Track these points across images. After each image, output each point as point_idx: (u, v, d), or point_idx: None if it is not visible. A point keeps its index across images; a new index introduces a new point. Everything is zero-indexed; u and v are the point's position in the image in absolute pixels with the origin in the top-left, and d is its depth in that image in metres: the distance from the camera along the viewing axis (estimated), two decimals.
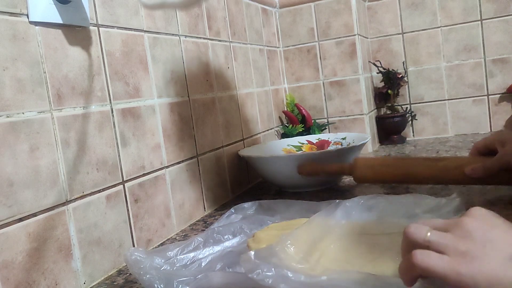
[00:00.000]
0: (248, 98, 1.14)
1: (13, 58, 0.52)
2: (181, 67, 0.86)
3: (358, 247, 0.55)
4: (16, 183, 0.51)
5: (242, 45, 1.14)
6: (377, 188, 0.93)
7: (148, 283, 0.51)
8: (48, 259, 0.54)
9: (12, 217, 0.50)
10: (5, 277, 0.49)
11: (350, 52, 1.35)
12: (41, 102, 0.55)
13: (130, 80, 0.72)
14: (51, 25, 0.58)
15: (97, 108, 0.64)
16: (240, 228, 0.67)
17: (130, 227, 0.69)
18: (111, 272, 0.64)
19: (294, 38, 1.41)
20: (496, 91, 1.45)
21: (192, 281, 0.50)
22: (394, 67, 1.51)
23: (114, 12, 0.69)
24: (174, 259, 0.59)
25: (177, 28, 0.86)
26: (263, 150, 1.10)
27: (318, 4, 1.36)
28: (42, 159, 0.55)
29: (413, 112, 1.53)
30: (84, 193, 0.61)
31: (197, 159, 0.89)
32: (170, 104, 0.81)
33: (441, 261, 0.37)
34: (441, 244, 0.38)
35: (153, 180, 0.75)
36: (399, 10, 1.51)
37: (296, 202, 0.77)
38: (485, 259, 0.36)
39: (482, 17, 1.43)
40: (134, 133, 0.71)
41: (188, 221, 0.84)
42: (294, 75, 1.42)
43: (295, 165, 0.92)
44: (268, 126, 1.26)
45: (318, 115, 1.41)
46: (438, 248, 0.38)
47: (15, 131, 0.52)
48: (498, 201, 0.75)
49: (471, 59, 1.46)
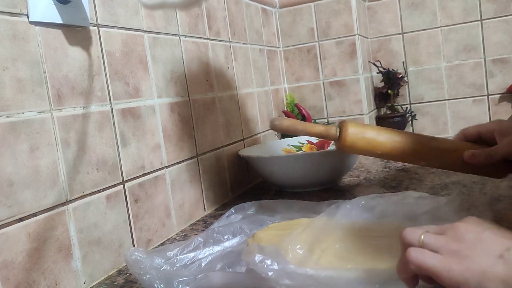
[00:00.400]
0: (248, 98, 1.14)
1: (13, 58, 0.52)
2: (181, 67, 0.86)
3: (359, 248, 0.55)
4: (16, 183, 0.51)
5: (242, 45, 1.14)
6: (377, 188, 0.93)
7: (148, 283, 0.51)
8: (48, 259, 0.54)
9: (12, 217, 0.50)
10: (5, 277, 0.49)
11: (350, 52, 1.35)
12: (41, 102, 0.55)
13: (130, 80, 0.72)
14: (51, 25, 0.58)
15: (97, 108, 0.64)
16: (240, 228, 0.67)
17: (130, 227, 0.69)
18: (111, 272, 0.64)
19: (294, 38, 1.41)
20: (496, 91, 1.45)
21: (192, 281, 0.50)
22: (394, 67, 1.51)
23: (114, 12, 0.69)
24: (174, 259, 0.59)
25: (177, 28, 0.86)
26: (263, 150, 1.10)
27: (318, 4, 1.36)
28: (42, 159, 0.55)
29: (413, 112, 1.53)
30: (84, 193, 0.61)
31: (197, 159, 0.89)
32: (170, 104, 0.81)
33: (434, 259, 0.39)
34: (435, 245, 0.40)
35: (153, 180, 0.75)
36: (399, 10, 1.51)
37: (296, 202, 0.77)
38: (475, 258, 0.38)
39: (482, 17, 1.43)
40: (134, 133, 0.71)
41: (188, 221, 0.84)
42: (294, 75, 1.42)
43: (295, 165, 0.92)
44: (268, 126, 1.26)
45: (318, 115, 1.41)
46: (432, 248, 0.40)
47: (15, 131, 0.52)
48: (497, 202, 0.75)
49: (471, 59, 1.46)
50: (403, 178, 0.99)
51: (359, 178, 1.04)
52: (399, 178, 0.99)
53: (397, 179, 0.98)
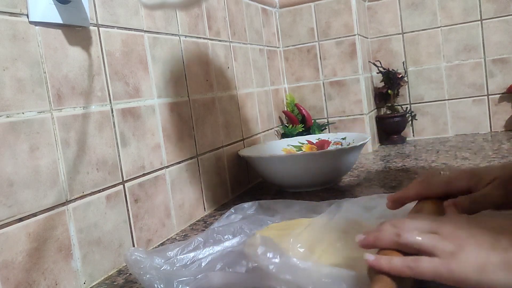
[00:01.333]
0: (248, 98, 1.14)
1: (13, 58, 0.52)
2: (181, 67, 0.86)
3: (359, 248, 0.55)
4: (16, 183, 0.51)
5: (242, 45, 1.14)
6: (377, 188, 0.93)
7: (148, 283, 0.51)
8: (48, 259, 0.54)
9: (12, 217, 0.50)
10: (5, 277, 0.49)
11: (350, 52, 1.35)
12: (41, 102, 0.55)
13: (130, 80, 0.72)
14: (51, 25, 0.58)
15: (97, 108, 0.64)
16: (240, 228, 0.67)
17: (130, 227, 0.69)
18: (111, 272, 0.64)
19: (294, 38, 1.41)
20: (496, 91, 1.45)
21: (192, 281, 0.50)
22: (394, 67, 1.51)
23: (114, 12, 0.69)
24: (174, 259, 0.59)
25: (177, 28, 0.86)
26: (263, 150, 1.10)
27: (318, 4, 1.36)
28: (42, 159, 0.55)
29: (413, 112, 1.53)
30: (84, 193, 0.61)
31: (197, 159, 0.89)
32: (170, 104, 0.81)
33: (432, 263, 0.40)
34: (431, 247, 0.41)
35: (153, 180, 0.75)
36: (399, 10, 1.51)
37: (296, 202, 0.77)
38: (470, 253, 0.39)
39: (482, 17, 1.43)
40: (134, 133, 0.71)
41: (188, 221, 0.84)
42: (294, 75, 1.42)
43: (295, 165, 0.92)
44: (268, 126, 1.26)
45: (318, 115, 1.41)
46: (428, 251, 0.41)
47: (15, 131, 0.52)
48: None
49: (471, 59, 1.46)
50: (403, 178, 0.99)
51: (359, 178, 1.04)
52: (399, 178, 0.99)
53: (397, 179, 0.98)
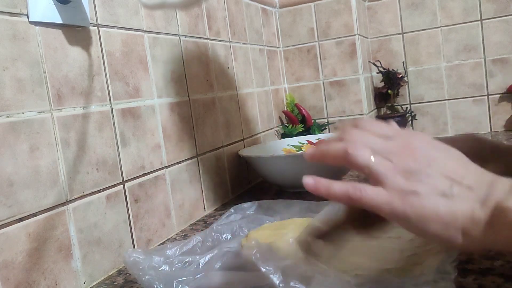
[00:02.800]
0: (248, 98, 1.14)
1: (13, 58, 0.52)
2: (181, 67, 0.86)
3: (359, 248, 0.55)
4: (16, 183, 0.51)
5: (242, 45, 1.14)
6: None
7: (148, 283, 0.51)
8: (48, 259, 0.54)
9: (12, 217, 0.50)
10: (5, 277, 0.49)
11: (350, 52, 1.35)
12: (41, 102, 0.55)
13: (130, 80, 0.72)
14: (51, 25, 0.58)
15: (97, 108, 0.65)
16: (239, 228, 0.67)
17: (130, 227, 0.69)
18: (111, 272, 0.64)
19: (294, 38, 1.41)
20: (496, 91, 1.45)
21: (191, 281, 0.50)
22: (394, 67, 1.51)
23: (114, 12, 0.69)
24: (173, 259, 0.59)
25: (177, 28, 0.86)
26: (263, 150, 1.10)
27: (318, 4, 1.36)
28: (42, 159, 0.55)
29: (413, 112, 1.53)
30: (84, 193, 0.61)
31: (197, 159, 0.89)
32: (170, 104, 0.81)
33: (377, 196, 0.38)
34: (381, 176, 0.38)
35: (153, 180, 0.75)
36: (399, 10, 1.51)
37: (296, 202, 0.77)
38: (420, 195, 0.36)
39: (482, 17, 1.43)
40: (134, 133, 0.71)
41: (188, 221, 0.84)
42: (294, 75, 1.42)
43: (295, 165, 0.92)
44: (268, 126, 1.27)
45: (318, 115, 1.41)
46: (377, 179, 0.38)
47: (15, 131, 0.52)
48: None
49: (471, 59, 1.46)
50: None
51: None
52: None
53: None
